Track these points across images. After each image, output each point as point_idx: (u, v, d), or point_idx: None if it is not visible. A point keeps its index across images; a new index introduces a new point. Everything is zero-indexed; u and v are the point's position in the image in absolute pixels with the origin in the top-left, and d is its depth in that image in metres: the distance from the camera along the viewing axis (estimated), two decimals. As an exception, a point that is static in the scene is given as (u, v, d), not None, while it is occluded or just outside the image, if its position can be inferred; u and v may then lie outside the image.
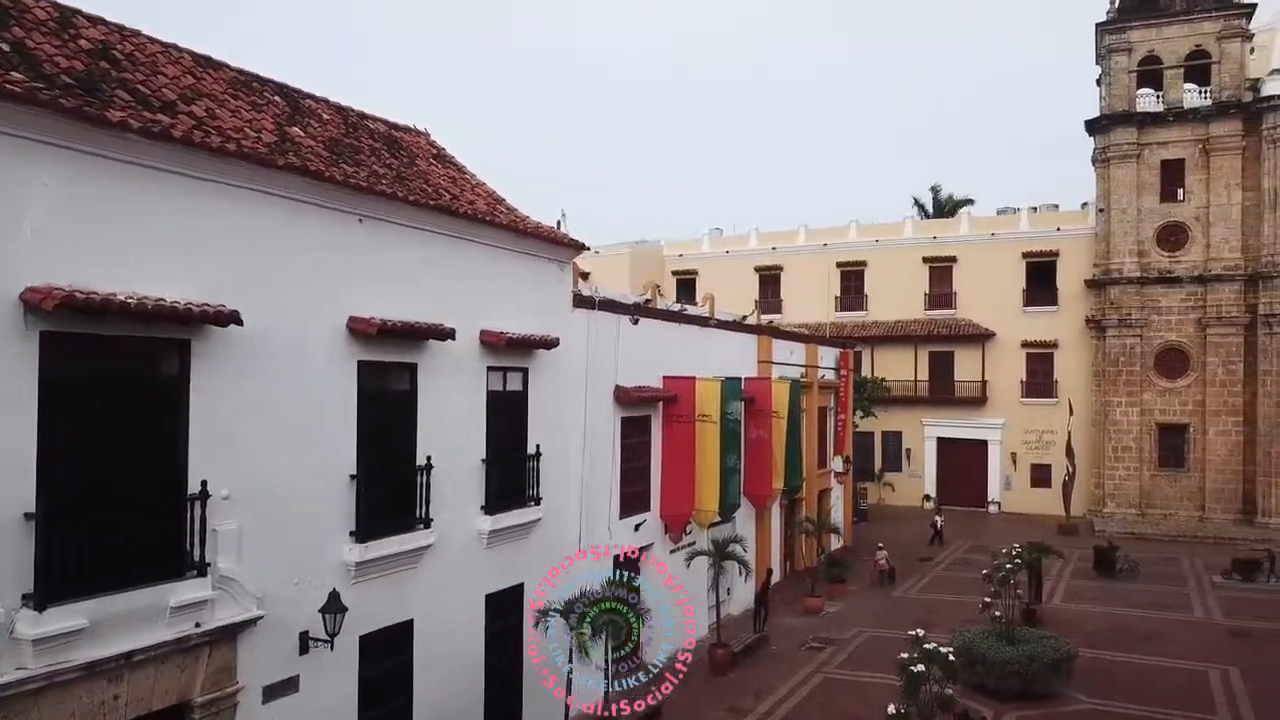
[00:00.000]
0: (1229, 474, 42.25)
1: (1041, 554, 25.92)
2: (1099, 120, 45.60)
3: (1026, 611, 24.83)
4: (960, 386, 48.71)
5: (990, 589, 21.93)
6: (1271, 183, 41.51)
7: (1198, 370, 43.15)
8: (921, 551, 36.63)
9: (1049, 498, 45.08)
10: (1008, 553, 23.48)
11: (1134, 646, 24.03)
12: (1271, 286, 41.29)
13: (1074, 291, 46.54)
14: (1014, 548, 24.48)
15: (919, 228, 52.38)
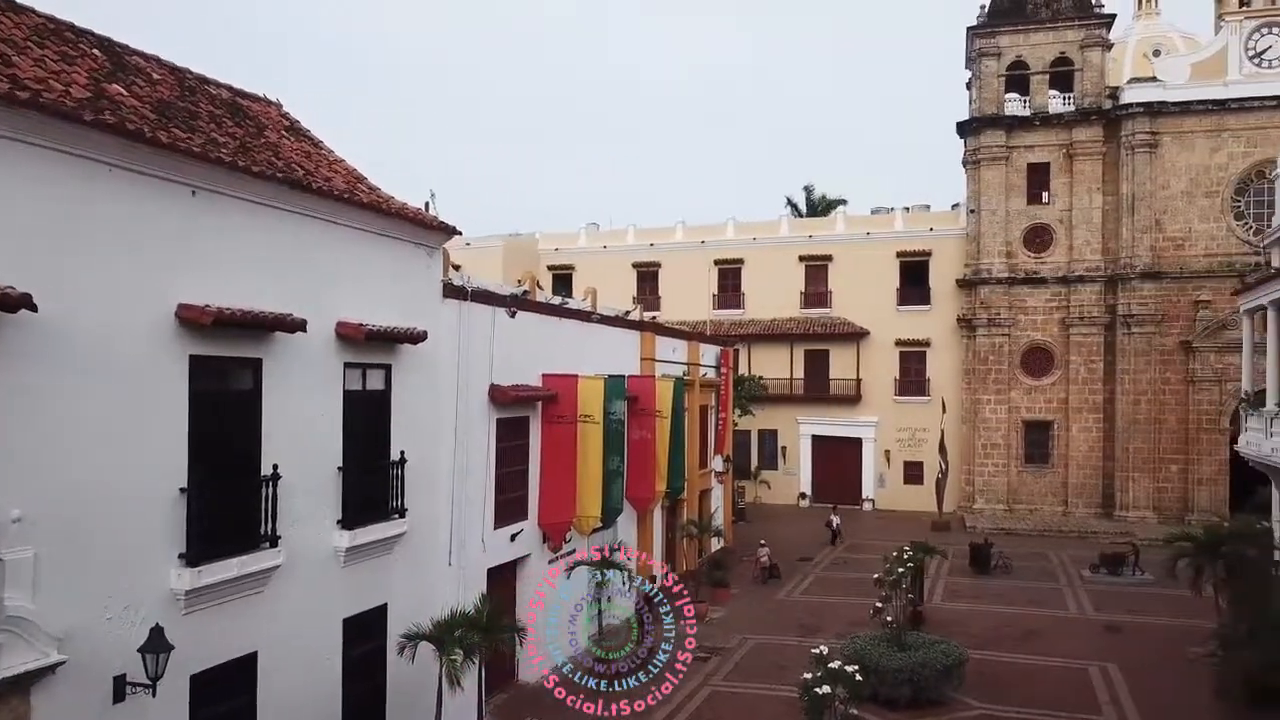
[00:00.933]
0: (1090, 469, 43.58)
1: (927, 554, 25.58)
2: (969, 123, 46.38)
3: (914, 614, 24.42)
4: (835, 385, 48.86)
5: (881, 593, 21.31)
6: (1130, 188, 42.96)
7: (1062, 369, 44.37)
8: (802, 551, 36.22)
9: (922, 494, 45.60)
10: (898, 556, 22.97)
11: (1017, 646, 23.92)
12: (1129, 288, 42.73)
13: (946, 291, 47.25)
14: (904, 550, 24.05)
15: (795, 226, 52.36)
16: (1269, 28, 42.12)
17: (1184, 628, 25.20)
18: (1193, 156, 42.50)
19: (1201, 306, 41.58)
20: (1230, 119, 42.02)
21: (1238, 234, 41.97)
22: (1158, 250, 42.67)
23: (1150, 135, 42.75)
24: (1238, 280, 40.78)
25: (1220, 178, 42.12)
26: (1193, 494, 41.35)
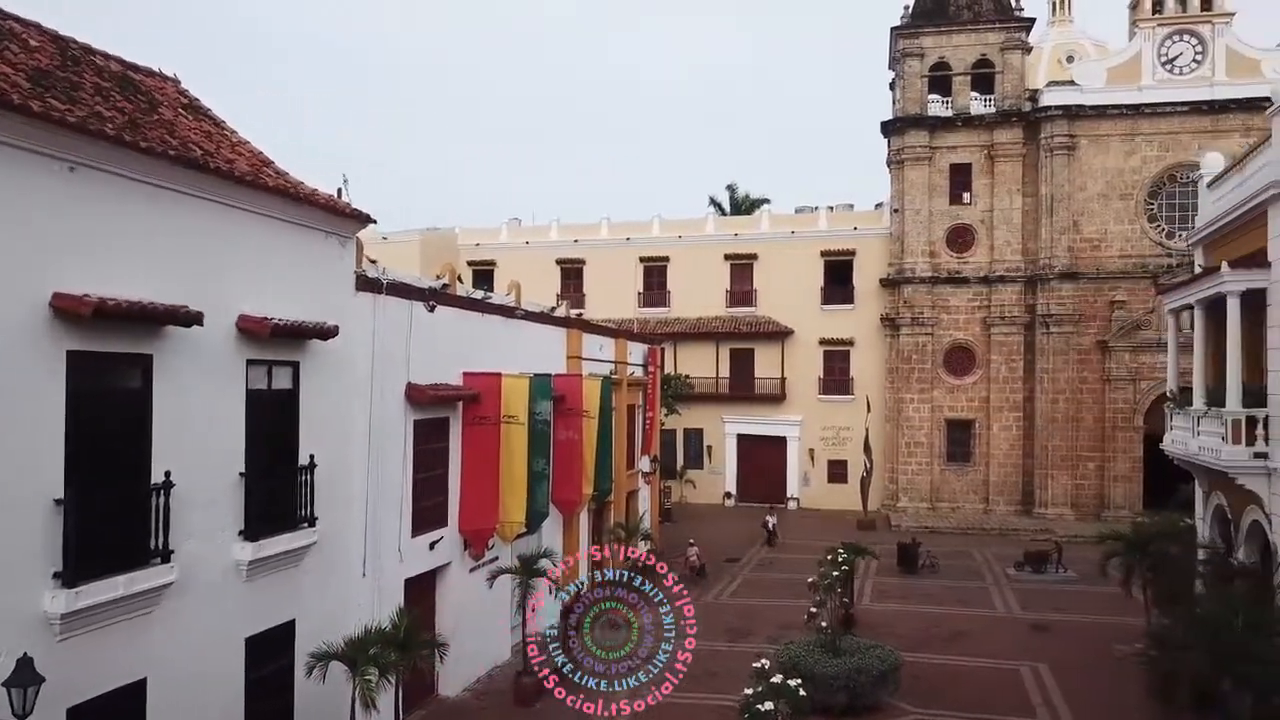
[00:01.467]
0: (1010, 467, 44.11)
1: (858, 555, 25.18)
2: (893, 122, 46.57)
3: (845, 616, 24.00)
4: (760, 384, 48.60)
5: (816, 597, 20.81)
6: (1048, 189, 43.57)
7: (983, 368, 44.82)
8: (729, 551, 35.74)
9: (846, 493, 45.60)
10: (831, 559, 22.51)
11: (947, 647, 23.69)
12: (1048, 288, 43.34)
13: (870, 290, 47.36)
14: (836, 551, 23.62)
15: (721, 225, 51.98)
16: (1179, 36, 43.12)
17: (1110, 626, 25.32)
18: (1108, 159, 43.30)
19: (1117, 307, 42.37)
20: (1144, 123, 42.91)
21: (1151, 236, 42.89)
22: (1075, 251, 43.37)
23: (1068, 138, 43.42)
24: (1151, 281, 41.99)
25: (1135, 181, 42.98)
26: (1109, 491, 42.11)
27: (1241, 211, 19.18)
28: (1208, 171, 22.75)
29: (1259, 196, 18.01)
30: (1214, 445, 18.55)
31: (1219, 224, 20.89)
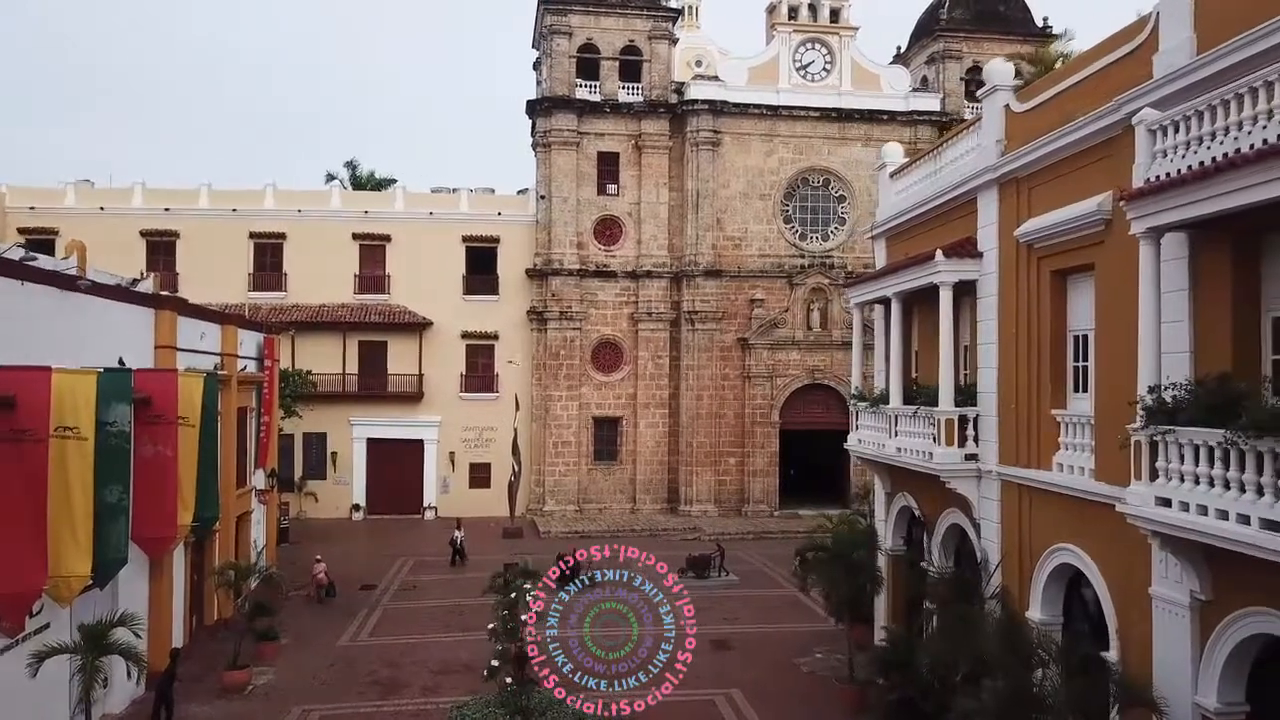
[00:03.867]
0: (656, 465, 43.19)
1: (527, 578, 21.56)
2: (540, 102, 43.87)
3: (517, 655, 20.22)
4: (395, 380, 43.57)
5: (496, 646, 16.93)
6: (694, 185, 43.17)
7: (631, 364, 43.50)
8: (364, 576, 30.67)
9: (490, 499, 42.17)
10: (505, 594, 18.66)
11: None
12: (693, 285, 42.92)
13: (516, 281, 44.25)
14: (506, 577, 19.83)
15: (349, 200, 46.09)
16: (812, 44, 44.71)
17: (786, 636, 24.20)
18: (749, 158, 43.80)
19: (756, 305, 42.94)
20: (782, 125, 43.91)
21: (786, 237, 43.99)
22: (719, 249, 43.37)
23: (713, 134, 43.32)
24: (787, 281, 43.02)
25: (773, 181, 43.85)
26: (749, 486, 42.53)
27: (941, 201, 18.20)
28: (890, 162, 22.02)
29: (966, 184, 16.99)
30: (921, 447, 17.31)
31: (908, 215, 20.00)
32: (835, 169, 44.17)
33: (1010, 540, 15.49)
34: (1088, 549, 13.37)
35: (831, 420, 43.17)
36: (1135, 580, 12.16)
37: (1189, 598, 11.06)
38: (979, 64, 45.85)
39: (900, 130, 43.67)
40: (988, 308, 16.36)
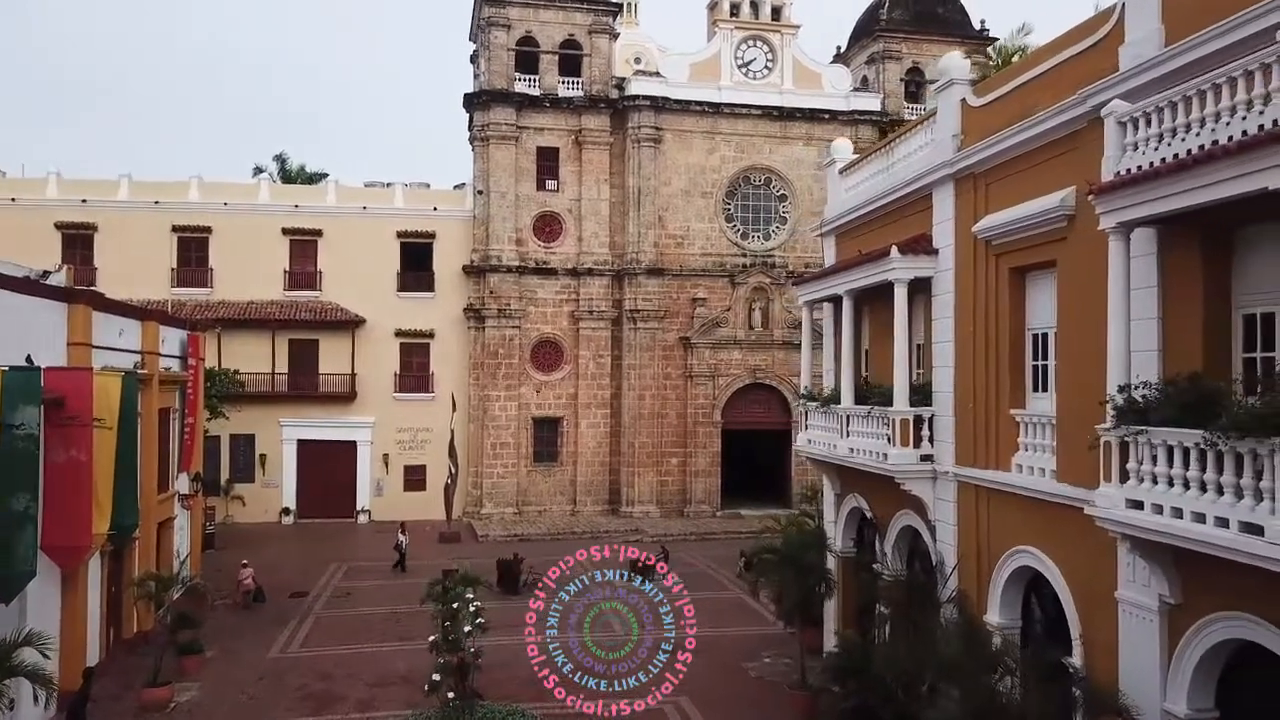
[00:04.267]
0: (598, 466, 42.52)
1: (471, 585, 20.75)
2: (478, 96, 42.87)
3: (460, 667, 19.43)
4: (326, 380, 42.21)
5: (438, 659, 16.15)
6: (635, 182, 42.60)
7: (572, 363, 42.76)
8: (295, 583, 29.49)
9: (425, 502, 41.12)
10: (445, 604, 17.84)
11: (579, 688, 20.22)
12: (635, 283, 42.35)
13: (452, 277, 43.19)
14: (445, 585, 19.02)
15: (278, 193, 44.56)
16: (754, 41, 44.49)
17: (733, 640, 23.74)
18: (691, 156, 43.38)
19: (698, 304, 42.54)
20: (723, 123, 43.58)
21: (728, 236, 43.67)
22: (661, 247, 42.87)
23: (654, 130, 42.81)
24: (729, 280, 42.72)
25: (715, 179, 43.50)
26: (691, 486, 42.12)
27: (894, 197, 17.88)
28: (840, 158, 21.69)
29: (921, 180, 16.68)
30: (875, 448, 16.96)
31: (859, 212, 19.67)
32: (777, 168, 43.99)
33: (967, 543, 15.20)
34: (1049, 552, 13.10)
35: (773, 420, 43.14)
36: (1100, 584, 11.90)
37: (1158, 602, 10.80)
38: (918, 65, 46.30)
39: (841, 130, 43.56)
40: (943, 305, 16.06)
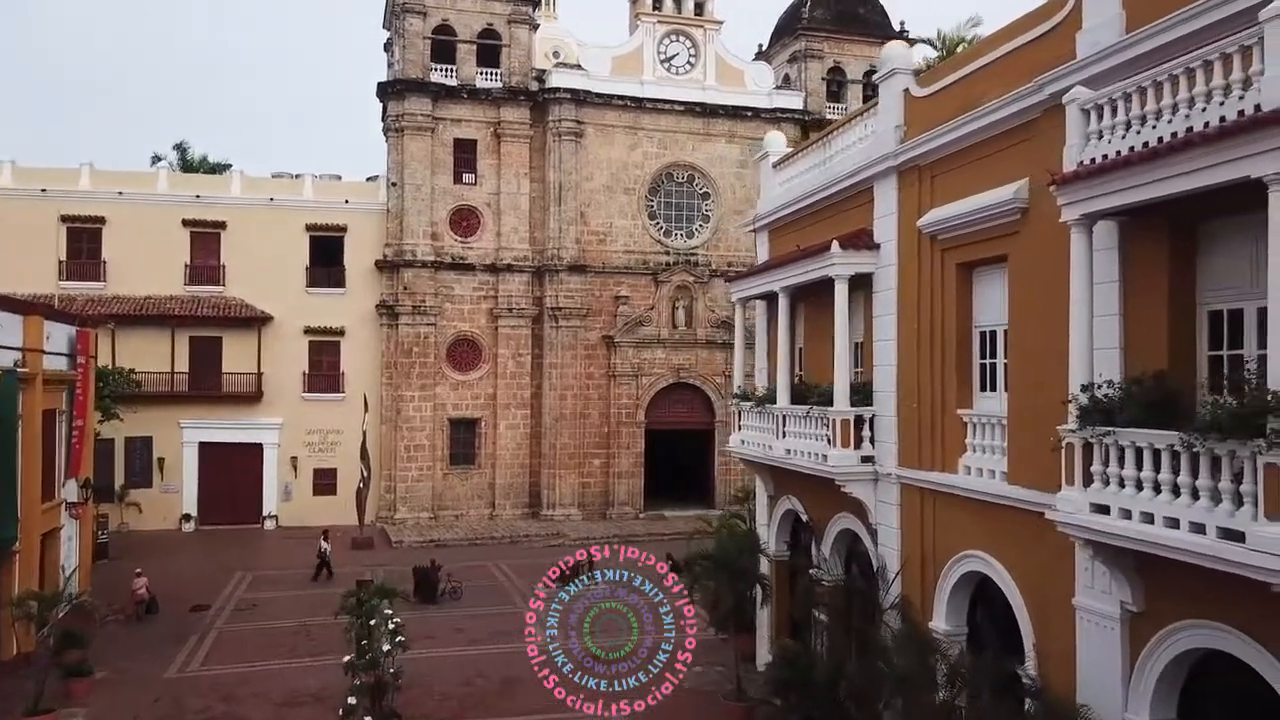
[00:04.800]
0: (517, 468, 41.39)
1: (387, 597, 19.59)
2: (392, 85, 41.34)
3: (377, 686, 18.25)
4: (230, 380, 40.13)
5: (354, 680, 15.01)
6: (556, 176, 41.61)
7: (490, 362, 41.55)
8: (196, 594, 27.74)
9: (336, 506, 39.36)
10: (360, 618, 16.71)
11: (504, 703, 19.32)
12: (557, 280, 41.36)
13: (364, 273, 41.54)
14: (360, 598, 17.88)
15: (178, 182, 42.20)
16: (676, 36, 43.93)
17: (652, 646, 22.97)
18: (613, 151, 42.60)
19: (621, 302, 41.78)
20: (646, 118, 42.90)
21: (651, 233, 43.01)
22: (583, 243, 41.98)
23: (576, 124, 41.90)
24: (652, 278, 42.07)
25: (637, 175, 42.80)
26: (614, 488, 41.34)
27: (832, 191, 17.38)
28: (773, 151, 21.13)
29: (861, 173, 16.19)
30: (814, 449, 16.41)
31: (795, 207, 19.14)
32: (700, 165, 43.51)
33: (911, 547, 14.74)
34: (1000, 556, 12.68)
35: (697, 419, 42.68)
36: (1055, 590, 11.49)
37: (1119, 609, 10.40)
38: (840, 64, 46.40)
39: (764, 127, 43.04)
40: (885, 302, 15.59)
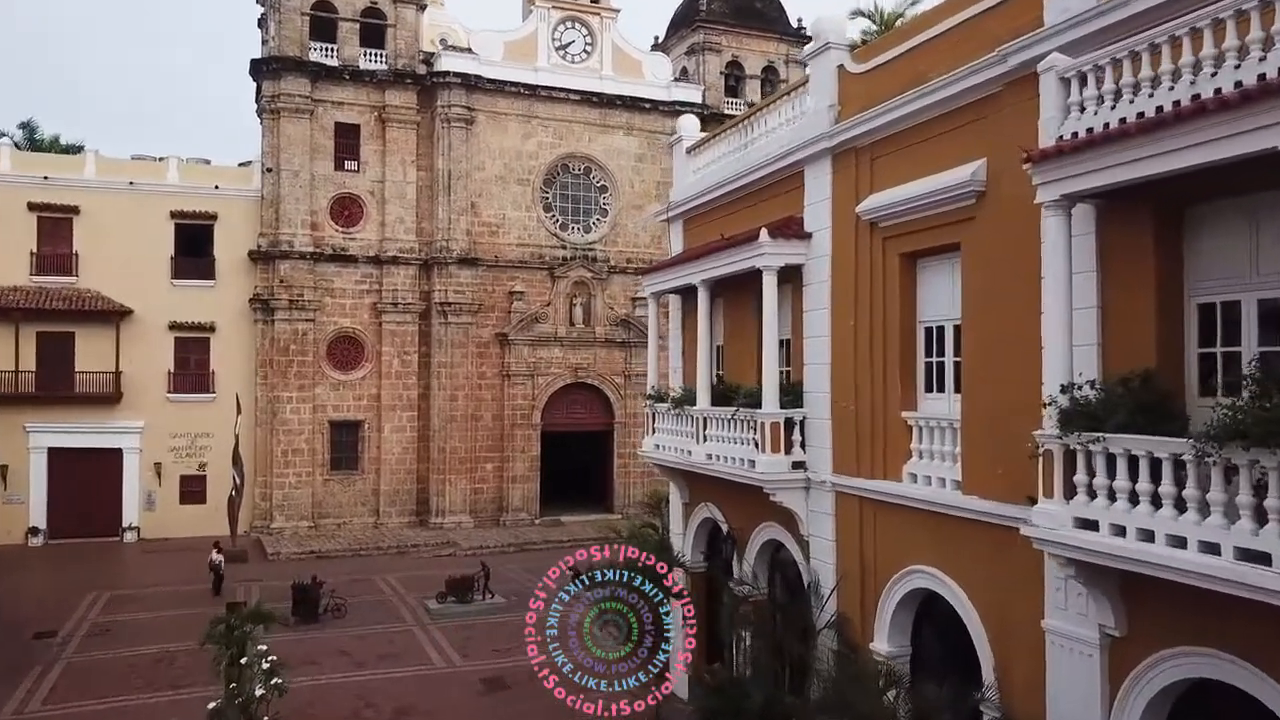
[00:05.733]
0: (404, 474, 39.07)
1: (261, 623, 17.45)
2: (268, 63, 38.47)
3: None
4: (85, 379, 36.59)
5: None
6: (445, 164, 39.49)
7: (373, 361, 39.11)
8: (41, 620, 24.77)
9: (206, 516, 36.35)
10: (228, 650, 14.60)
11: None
12: (446, 274, 39.25)
13: (236, 264, 38.55)
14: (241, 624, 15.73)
15: (23, 162, 38.30)
16: (572, 22, 42.36)
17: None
18: (506, 140, 40.73)
19: (516, 298, 39.95)
20: (540, 107, 41.18)
21: (547, 226, 41.32)
22: (474, 235, 39.97)
23: (466, 110, 39.87)
24: (548, 273, 40.40)
25: (532, 166, 41.04)
26: (508, 493, 39.48)
27: (756, 177, 16.15)
28: (687, 136, 19.81)
29: (790, 157, 14.99)
30: (739, 454, 15.13)
31: (712, 194, 17.86)
32: (596, 157, 42.04)
33: (849, 560, 13.59)
34: (953, 573, 11.60)
35: (595, 420, 41.25)
36: (1019, 611, 10.46)
37: (1098, 634, 9.38)
38: (738, 59, 45.67)
39: (663, 120, 42.25)
40: (817, 295, 14.40)
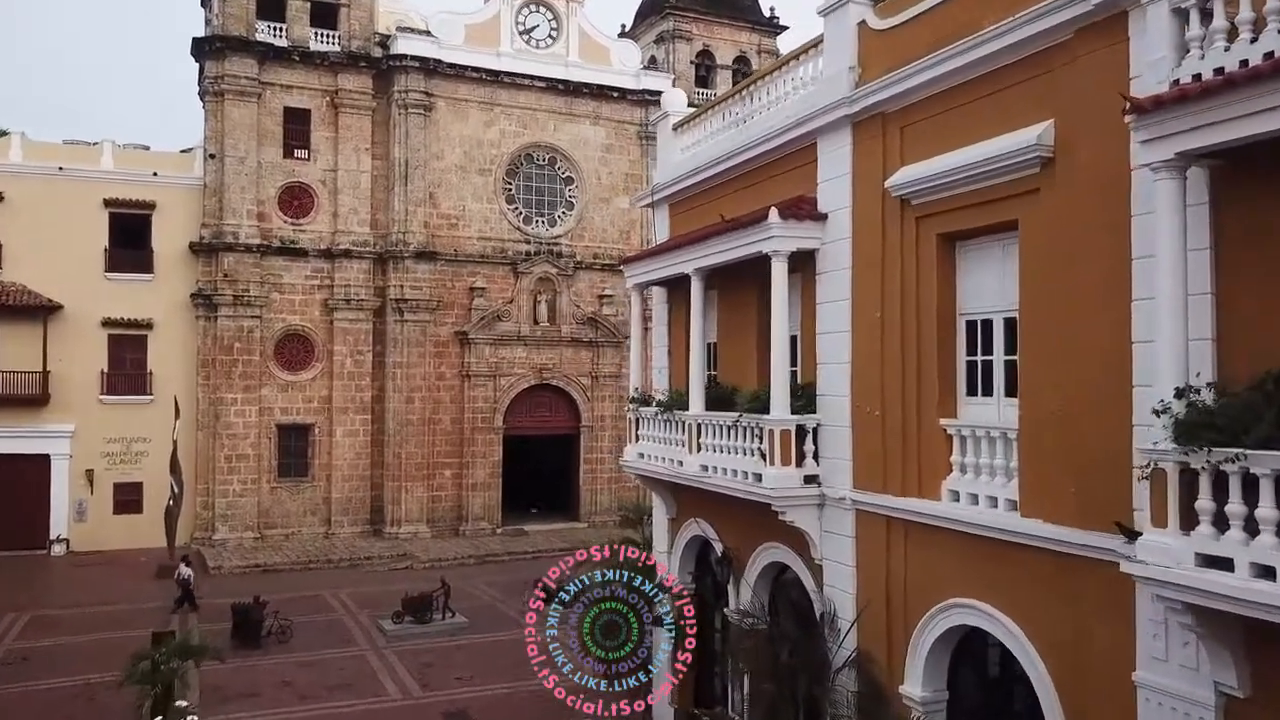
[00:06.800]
0: (357, 480, 36.76)
1: (187, 656, 15.29)
2: (210, 42, 36.01)
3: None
4: (9, 379, 33.84)
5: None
6: (402, 153, 37.27)
7: (324, 360, 36.75)
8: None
9: (142, 527, 33.93)
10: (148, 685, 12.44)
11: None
12: (402, 268, 37.02)
13: (176, 256, 36.03)
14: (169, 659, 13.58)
15: (-59, 146, 35.51)
16: (536, 6, 40.35)
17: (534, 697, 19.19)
18: (466, 128, 38.61)
19: (477, 294, 37.81)
20: (503, 94, 39.11)
21: (509, 219, 39.24)
22: (432, 228, 37.78)
23: (425, 96, 37.68)
24: (511, 268, 38.36)
25: (493, 155, 38.95)
26: (468, 502, 37.30)
27: (758, 153, 14.32)
28: (673, 111, 17.94)
29: (800, 127, 13.18)
30: (742, 465, 13.28)
31: (704, 175, 16.00)
32: (562, 147, 40.06)
33: (873, 590, 11.79)
34: (1008, 610, 9.81)
35: (561, 424, 39.30)
36: (1096, 656, 8.73)
37: (1213, 694, 7.67)
38: (709, 48, 44.06)
39: (631, 110, 40.48)
40: (835, 285, 12.60)
